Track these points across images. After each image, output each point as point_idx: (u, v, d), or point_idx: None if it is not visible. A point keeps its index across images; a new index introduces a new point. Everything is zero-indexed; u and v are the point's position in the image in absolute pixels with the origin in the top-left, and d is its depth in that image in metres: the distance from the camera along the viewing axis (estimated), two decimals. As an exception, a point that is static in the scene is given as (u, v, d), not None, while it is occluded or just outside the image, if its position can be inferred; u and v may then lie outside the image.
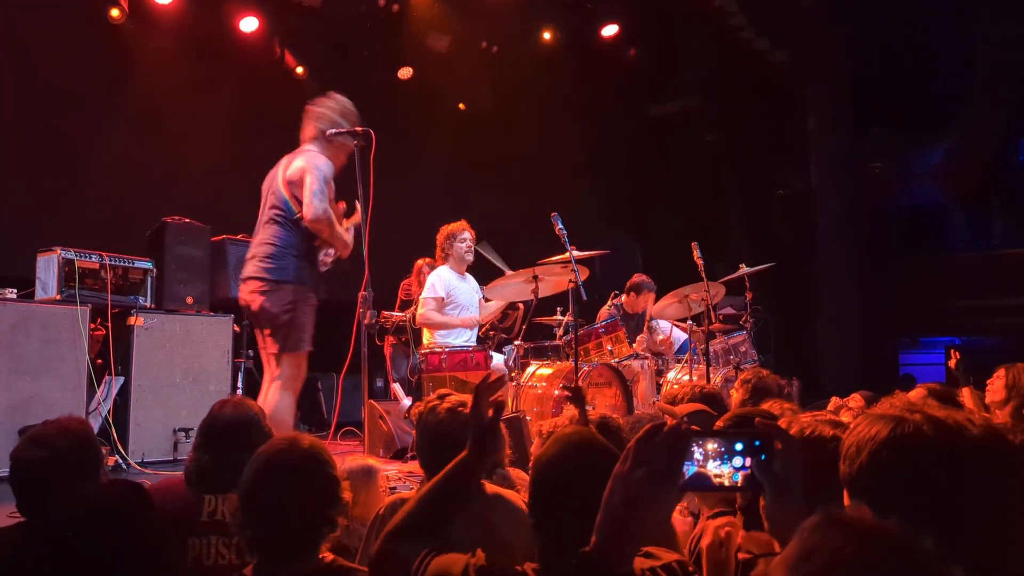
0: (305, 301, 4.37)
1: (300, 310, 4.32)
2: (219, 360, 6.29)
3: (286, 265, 4.32)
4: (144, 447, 5.78)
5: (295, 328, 4.30)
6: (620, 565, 1.39)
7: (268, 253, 4.34)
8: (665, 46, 8.90)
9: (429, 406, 2.54)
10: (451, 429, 2.39)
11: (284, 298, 4.29)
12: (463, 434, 2.30)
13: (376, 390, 7.45)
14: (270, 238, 4.39)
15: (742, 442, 1.42)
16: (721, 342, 6.68)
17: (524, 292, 5.58)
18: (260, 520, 1.87)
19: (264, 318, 4.35)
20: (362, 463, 2.96)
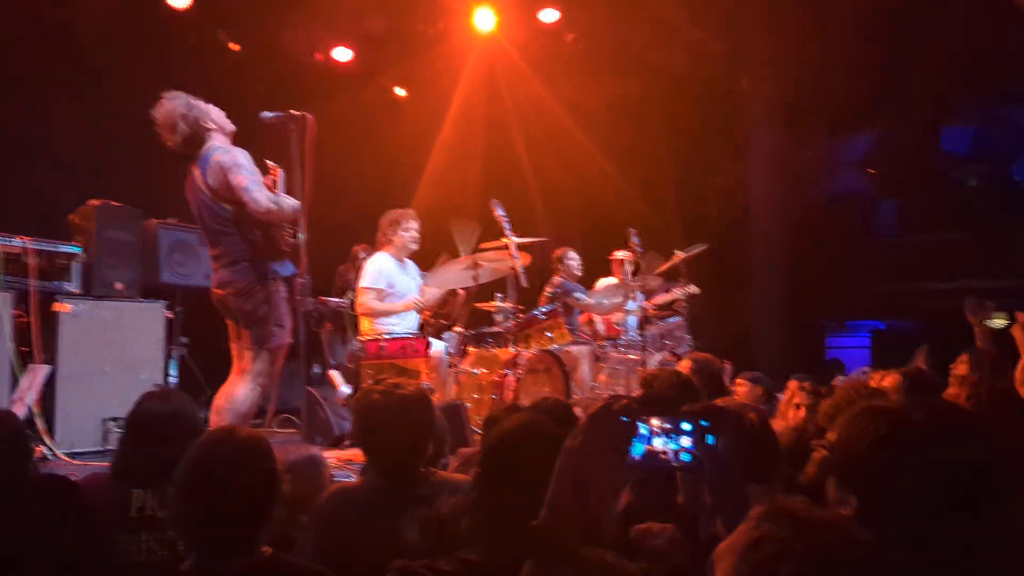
0: (277, 294, 4.34)
1: (273, 305, 4.29)
2: (151, 348, 6.14)
3: (244, 268, 4.28)
4: (72, 438, 5.62)
5: (267, 323, 4.29)
6: (568, 538, 1.42)
7: (226, 263, 4.31)
8: (605, 33, 8.94)
9: (365, 391, 2.54)
10: (386, 413, 2.40)
11: (252, 299, 4.27)
12: (397, 417, 2.33)
13: (313, 377, 7.38)
14: (222, 252, 4.33)
15: (690, 422, 1.47)
16: (657, 327, 6.81)
17: (465, 278, 5.59)
18: (197, 515, 1.85)
19: (240, 316, 4.34)
20: (307, 452, 2.94)
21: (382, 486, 2.38)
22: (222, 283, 4.33)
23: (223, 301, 4.37)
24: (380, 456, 2.42)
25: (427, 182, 8.96)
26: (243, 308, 4.29)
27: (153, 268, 6.64)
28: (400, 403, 2.38)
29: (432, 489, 2.31)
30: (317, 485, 2.76)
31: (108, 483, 2.45)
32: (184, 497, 1.87)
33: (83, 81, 7.13)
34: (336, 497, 2.36)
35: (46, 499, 1.79)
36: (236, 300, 4.29)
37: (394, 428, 2.37)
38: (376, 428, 2.42)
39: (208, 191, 4.25)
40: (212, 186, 4.23)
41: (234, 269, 4.30)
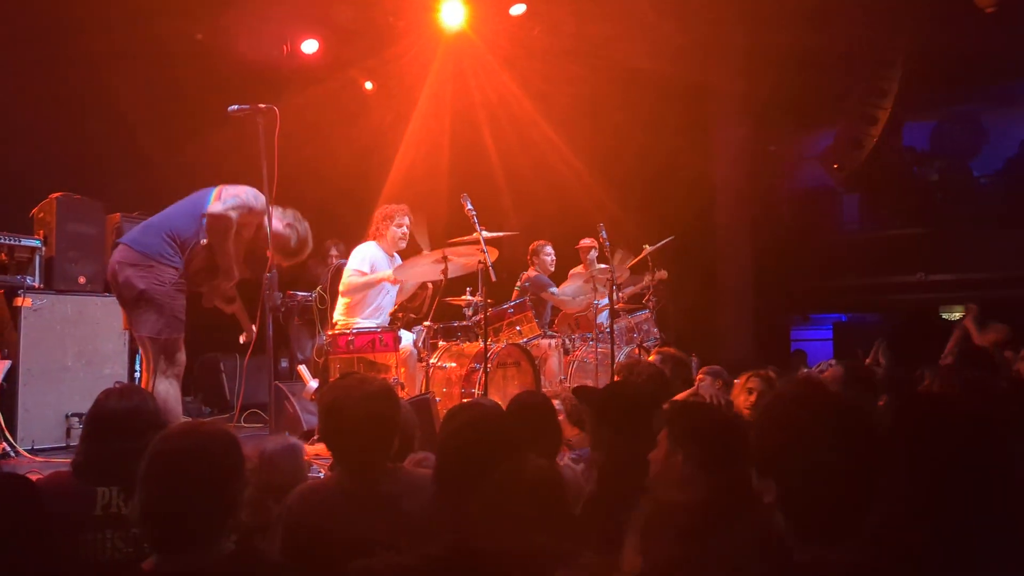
0: (179, 288, 4.29)
1: (168, 294, 4.22)
2: (115, 342, 6.08)
3: (164, 245, 4.23)
4: (34, 433, 5.55)
5: (158, 311, 4.19)
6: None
7: (153, 223, 4.35)
8: (571, 27, 8.96)
9: (330, 387, 2.54)
10: (351, 410, 2.38)
11: (158, 277, 4.19)
12: (361, 413, 2.32)
13: (281, 371, 7.34)
14: (164, 217, 4.37)
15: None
16: (625, 320, 6.87)
17: (434, 272, 5.59)
18: (161, 511, 1.84)
19: (127, 292, 4.20)
20: (286, 442, 2.92)
21: (348, 484, 2.38)
22: (126, 242, 4.26)
23: (115, 276, 4.22)
24: (345, 453, 2.41)
25: (395, 176, 8.92)
26: (135, 284, 4.14)
27: (117, 262, 6.55)
28: (365, 399, 2.36)
29: (398, 487, 2.32)
30: (295, 474, 2.75)
31: (71, 481, 2.43)
32: (147, 493, 1.85)
33: (44, 73, 6.99)
34: (303, 495, 2.35)
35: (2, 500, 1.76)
36: (130, 271, 4.14)
37: (359, 425, 2.36)
38: (341, 425, 2.41)
39: (216, 191, 4.38)
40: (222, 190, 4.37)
41: (148, 234, 4.29)
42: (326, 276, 7.08)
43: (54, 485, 2.46)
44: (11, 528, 1.69)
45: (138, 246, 4.23)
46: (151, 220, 4.44)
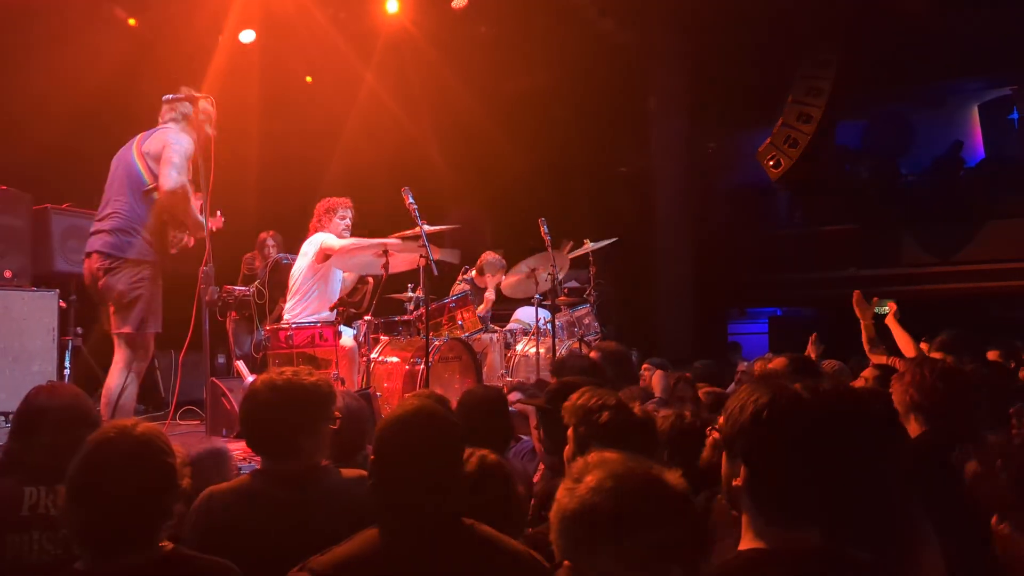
0: (154, 280, 4.30)
1: (148, 289, 4.25)
2: (43, 338, 5.88)
3: (134, 241, 4.24)
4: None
5: (142, 307, 4.23)
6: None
7: (116, 227, 4.25)
8: (515, 22, 8.98)
9: (252, 384, 2.50)
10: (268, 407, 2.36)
11: (131, 276, 4.22)
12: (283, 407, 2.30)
13: (218, 367, 7.20)
14: (119, 211, 4.28)
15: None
16: (566, 315, 6.92)
17: (374, 266, 5.55)
18: (90, 512, 1.80)
19: (109, 296, 4.25)
20: (211, 446, 2.88)
21: (261, 485, 2.32)
22: (94, 250, 4.27)
23: (94, 277, 4.28)
24: (262, 445, 2.39)
25: (335, 169, 8.83)
26: (115, 287, 4.22)
27: (46, 255, 6.36)
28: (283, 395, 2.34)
29: (319, 488, 2.29)
30: (222, 479, 2.71)
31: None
32: (76, 495, 1.82)
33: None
34: (211, 499, 2.27)
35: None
36: (107, 277, 4.24)
37: (277, 422, 2.33)
38: (258, 422, 2.38)
39: (138, 150, 4.33)
40: (146, 149, 4.33)
41: (116, 236, 4.26)
42: (264, 270, 6.97)
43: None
44: None
45: (113, 250, 4.25)
46: (116, 223, 4.33)
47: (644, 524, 1.43)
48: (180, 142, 4.31)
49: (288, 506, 2.24)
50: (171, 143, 4.30)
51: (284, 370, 2.43)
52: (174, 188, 4.21)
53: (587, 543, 1.45)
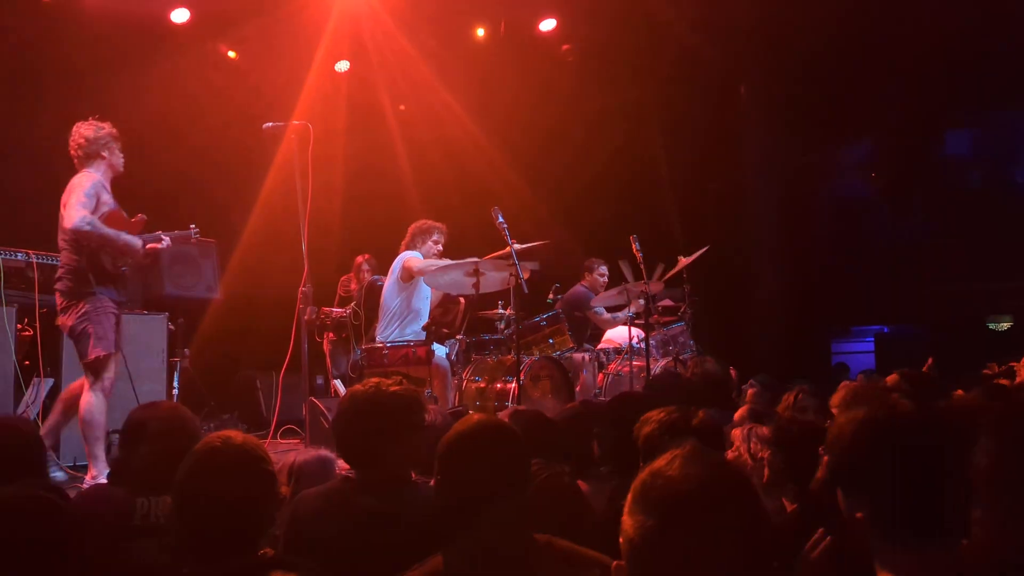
0: (100, 310, 4.61)
1: (94, 320, 4.58)
2: (154, 359, 6.14)
3: (73, 285, 4.60)
4: (76, 450, 5.59)
5: (91, 336, 4.57)
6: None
7: (59, 276, 4.67)
8: (603, 41, 8.98)
9: (346, 395, 2.53)
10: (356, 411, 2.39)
11: (77, 312, 4.58)
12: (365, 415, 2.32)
13: (316, 387, 7.38)
14: (60, 264, 4.69)
15: None
16: (660, 333, 6.79)
17: (465, 286, 5.59)
18: (195, 518, 1.85)
19: (68, 332, 4.68)
20: (318, 454, 2.92)
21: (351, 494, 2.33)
22: (56, 291, 4.69)
23: (57, 318, 4.72)
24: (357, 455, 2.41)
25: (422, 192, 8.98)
26: (66, 323, 4.63)
27: (155, 281, 6.66)
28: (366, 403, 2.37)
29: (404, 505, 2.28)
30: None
31: (110, 492, 2.46)
32: (182, 502, 1.88)
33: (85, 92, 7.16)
34: (302, 502, 2.32)
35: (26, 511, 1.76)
36: (60, 316, 4.66)
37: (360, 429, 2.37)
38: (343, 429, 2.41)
39: (61, 204, 4.61)
40: (63, 202, 4.60)
41: (59, 285, 4.67)
42: (360, 292, 7.13)
43: (92, 497, 2.49)
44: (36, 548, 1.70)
45: (61, 290, 4.65)
46: (60, 266, 4.72)
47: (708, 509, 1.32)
48: (82, 184, 4.57)
49: (371, 514, 2.25)
50: (74, 188, 4.56)
51: (371, 380, 2.47)
52: (76, 225, 4.46)
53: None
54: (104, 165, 4.73)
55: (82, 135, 4.69)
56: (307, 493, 2.35)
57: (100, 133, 4.71)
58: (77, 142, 4.70)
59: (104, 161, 4.73)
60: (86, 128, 4.71)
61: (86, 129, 4.70)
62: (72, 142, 4.71)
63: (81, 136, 4.69)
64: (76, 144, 4.70)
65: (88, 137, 4.68)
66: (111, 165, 4.77)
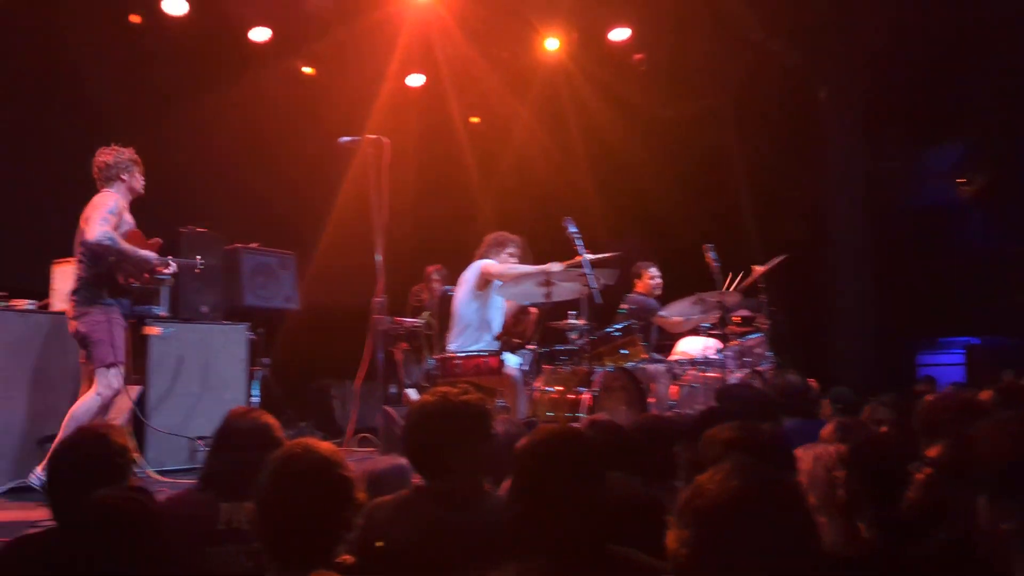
0: (112, 321, 4.81)
1: (106, 328, 4.78)
2: (235, 368, 6.32)
3: (88, 295, 4.81)
4: (162, 456, 5.81)
5: (104, 343, 4.76)
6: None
7: (74, 288, 4.87)
8: (677, 48, 8.88)
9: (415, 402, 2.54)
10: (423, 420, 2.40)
11: (91, 320, 4.78)
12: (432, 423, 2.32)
13: (390, 396, 7.46)
14: (77, 275, 4.88)
15: None
16: (737, 344, 6.63)
17: (536, 295, 5.57)
18: (278, 524, 1.88)
19: (79, 339, 4.86)
20: (393, 461, 2.94)
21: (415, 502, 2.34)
22: (70, 298, 4.89)
23: (69, 324, 4.90)
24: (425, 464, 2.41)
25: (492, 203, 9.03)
26: (79, 330, 4.83)
27: (236, 291, 6.84)
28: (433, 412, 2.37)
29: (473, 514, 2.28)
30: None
31: (196, 497, 2.52)
32: (263, 509, 1.91)
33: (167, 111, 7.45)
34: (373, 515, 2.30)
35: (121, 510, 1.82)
36: (74, 323, 4.85)
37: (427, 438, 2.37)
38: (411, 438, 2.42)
39: (81, 219, 4.85)
40: (84, 216, 4.83)
41: (73, 292, 4.86)
42: (433, 302, 7.19)
43: (179, 501, 2.55)
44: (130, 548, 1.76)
45: (76, 298, 4.85)
46: (75, 278, 4.90)
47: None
48: (104, 201, 4.83)
49: (440, 523, 2.25)
50: (97, 206, 4.81)
51: (438, 390, 2.47)
52: (98, 239, 4.68)
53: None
54: (124, 187, 4.99)
55: (103, 160, 4.97)
56: (380, 501, 2.36)
57: (120, 158, 4.98)
58: (98, 166, 4.98)
59: (124, 184, 4.99)
60: (106, 154, 4.99)
61: (106, 155, 4.98)
62: (94, 165, 4.99)
63: (101, 161, 4.97)
64: (97, 168, 4.98)
65: (107, 162, 4.96)
66: (131, 188, 5.02)
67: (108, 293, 4.83)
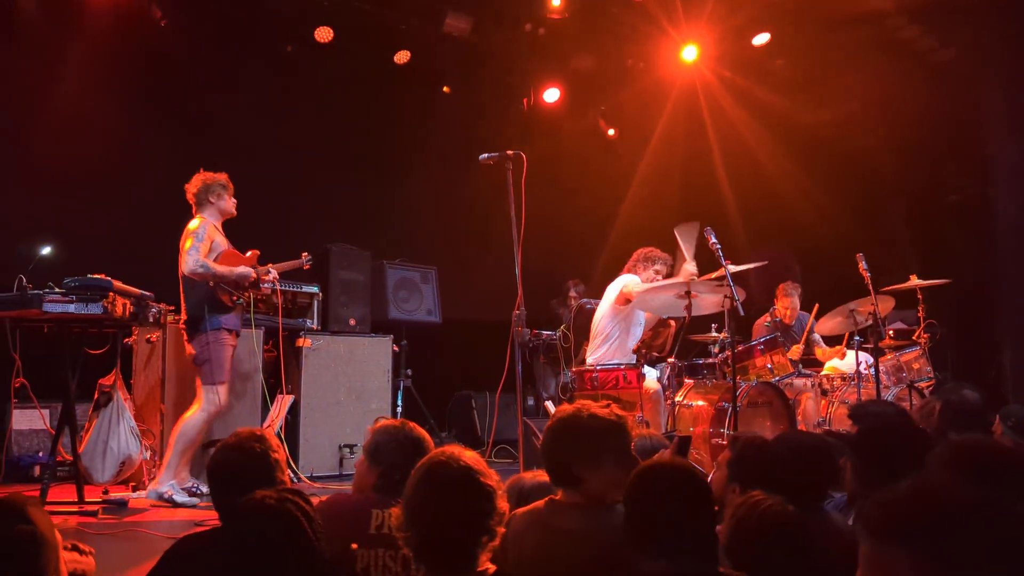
0: (219, 342, 5.09)
1: (214, 351, 5.07)
2: (380, 379, 6.55)
3: (195, 319, 5.11)
4: (313, 462, 6.09)
5: (211, 364, 5.04)
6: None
7: (185, 310, 5.18)
8: (819, 50, 8.53)
9: (557, 412, 2.53)
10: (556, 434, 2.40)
11: (199, 343, 5.08)
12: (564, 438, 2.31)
13: (527, 408, 7.52)
14: (183, 300, 5.20)
15: None
16: (892, 359, 6.25)
17: (677, 308, 5.46)
18: (423, 529, 1.93)
19: (191, 359, 5.17)
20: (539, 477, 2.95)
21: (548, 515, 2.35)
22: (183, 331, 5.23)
23: (186, 347, 5.21)
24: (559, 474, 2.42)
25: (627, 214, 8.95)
26: (191, 352, 5.14)
27: (381, 304, 7.11)
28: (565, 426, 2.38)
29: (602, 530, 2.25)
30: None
31: (349, 502, 2.63)
32: (411, 514, 1.96)
33: (329, 126, 7.84)
34: (518, 519, 2.36)
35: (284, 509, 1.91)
36: (188, 345, 5.16)
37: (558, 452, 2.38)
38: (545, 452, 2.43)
39: (180, 244, 5.13)
40: (180, 244, 5.15)
41: (183, 320, 5.17)
42: (569, 315, 7.19)
43: (335, 504, 2.66)
44: (299, 533, 1.86)
45: (184, 326, 5.20)
46: (184, 303, 5.21)
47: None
48: (194, 231, 5.08)
49: (566, 535, 2.26)
50: (188, 235, 5.07)
51: (576, 403, 2.46)
52: (192, 269, 4.99)
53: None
54: (214, 210, 5.29)
55: (194, 185, 5.29)
56: (516, 512, 2.38)
57: (211, 183, 5.28)
58: (191, 191, 5.29)
59: (213, 206, 5.28)
60: (197, 180, 5.30)
61: (197, 181, 5.30)
62: (187, 191, 5.30)
63: (193, 186, 5.29)
64: (190, 193, 5.30)
65: (199, 187, 5.27)
66: (221, 210, 5.32)
67: (213, 313, 5.11)
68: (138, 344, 5.81)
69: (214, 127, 7.14)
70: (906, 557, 1.23)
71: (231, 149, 7.38)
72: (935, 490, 1.33)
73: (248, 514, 1.94)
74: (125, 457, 5.62)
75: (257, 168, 7.56)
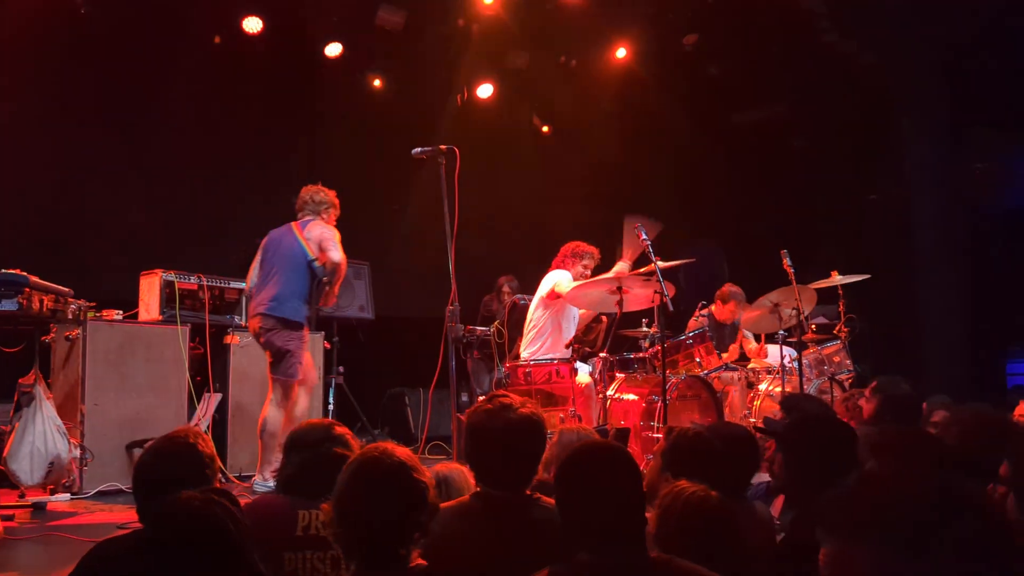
0: (303, 340, 5.24)
1: (300, 346, 5.20)
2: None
3: (287, 307, 5.20)
4: (241, 462, 5.96)
5: (290, 359, 5.16)
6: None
7: (275, 295, 5.22)
8: (747, 53, 8.74)
9: (474, 409, 2.54)
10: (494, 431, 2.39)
11: (285, 335, 5.18)
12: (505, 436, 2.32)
13: (461, 404, 7.51)
14: (279, 282, 5.25)
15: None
16: (814, 352, 6.46)
17: (609, 304, 5.53)
18: (354, 525, 1.91)
19: (269, 349, 5.23)
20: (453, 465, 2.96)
21: (474, 509, 2.36)
22: (264, 314, 5.21)
23: (258, 333, 5.26)
24: (485, 472, 2.43)
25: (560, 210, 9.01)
26: (274, 342, 5.11)
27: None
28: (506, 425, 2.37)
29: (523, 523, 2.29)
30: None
31: (275, 503, 2.57)
32: (341, 512, 1.93)
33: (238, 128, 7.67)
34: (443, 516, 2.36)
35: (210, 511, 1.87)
36: (269, 334, 5.19)
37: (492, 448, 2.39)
38: (478, 447, 2.43)
39: (301, 238, 5.31)
40: (306, 234, 5.33)
41: (276, 302, 5.19)
42: (502, 311, 7.21)
43: (260, 506, 2.61)
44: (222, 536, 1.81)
45: (276, 312, 5.21)
46: (279, 291, 5.24)
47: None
48: (333, 233, 5.39)
49: (494, 530, 2.28)
50: (327, 233, 5.36)
51: (494, 401, 2.47)
52: (340, 260, 5.25)
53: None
54: (325, 218, 5.55)
55: (318, 196, 5.55)
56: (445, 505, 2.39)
57: (327, 198, 5.56)
58: (313, 198, 5.54)
59: (322, 219, 5.52)
60: (320, 192, 5.58)
61: (320, 193, 5.57)
62: (308, 196, 5.54)
63: (316, 196, 5.54)
64: (312, 199, 5.53)
65: (319, 199, 5.54)
66: (329, 219, 5.60)
67: (309, 309, 5.26)
68: (56, 342, 5.58)
69: (138, 118, 6.92)
70: (870, 552, 1.25)
71: (155, 141, 7.17)
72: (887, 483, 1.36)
73: (172, 516, 1.89)
74: (54, 457, 5.38)
75: (184, 160, 7.38)
